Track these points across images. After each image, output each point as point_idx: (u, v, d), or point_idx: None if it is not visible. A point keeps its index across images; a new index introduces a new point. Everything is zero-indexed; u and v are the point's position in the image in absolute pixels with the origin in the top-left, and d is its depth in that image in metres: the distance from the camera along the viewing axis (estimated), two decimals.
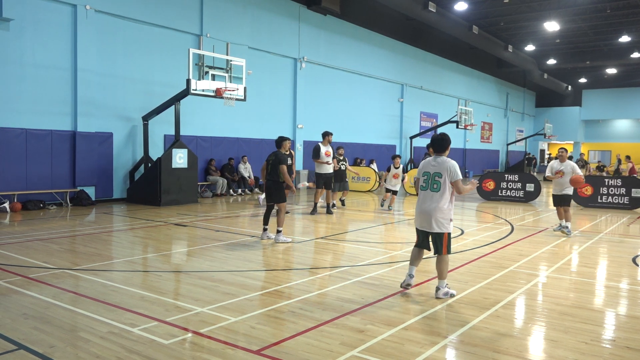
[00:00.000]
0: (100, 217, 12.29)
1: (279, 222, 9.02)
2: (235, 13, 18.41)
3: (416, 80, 29.79)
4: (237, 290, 5.95)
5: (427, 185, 5.87)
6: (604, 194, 15.87)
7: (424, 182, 5.93)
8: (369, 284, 6.39)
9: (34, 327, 4.64)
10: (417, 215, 5.95)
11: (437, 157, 5.91)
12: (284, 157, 9.10)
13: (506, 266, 7.49)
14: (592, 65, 39.42)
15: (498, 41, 32.21)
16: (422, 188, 5.95)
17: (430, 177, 5.84)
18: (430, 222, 5.76)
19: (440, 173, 5.76)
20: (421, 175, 5.99)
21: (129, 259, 7.82)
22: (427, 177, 5.88)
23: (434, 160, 5.90)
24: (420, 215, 5.88)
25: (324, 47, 22.82)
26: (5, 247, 8.27)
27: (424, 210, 5.82)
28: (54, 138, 13.88)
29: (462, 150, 35.46)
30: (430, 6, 23.58)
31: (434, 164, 5.87)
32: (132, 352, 4.10)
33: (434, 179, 5.80)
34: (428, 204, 5.78)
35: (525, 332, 4.81)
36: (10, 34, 12.88)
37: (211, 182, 17.58)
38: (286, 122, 21.41)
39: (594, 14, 27.86)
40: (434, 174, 5.81)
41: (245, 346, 4.27)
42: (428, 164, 5.96)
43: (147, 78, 16.04)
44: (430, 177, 5.84)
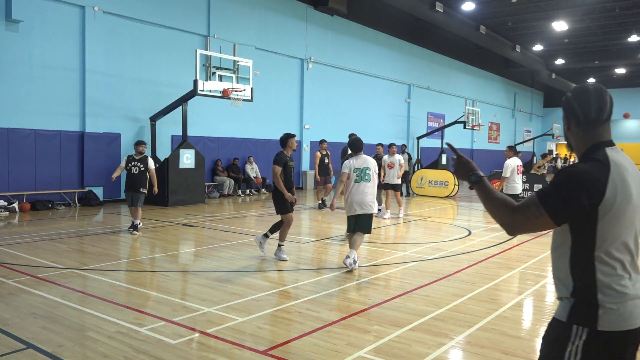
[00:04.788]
0: (108, 217, 12.35)
1: (281, 237, 7.80)
2: (242, 14, 18.45)
3: (423, 80, 29.71)
4: (244, 291, 5.96)
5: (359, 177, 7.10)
6: None
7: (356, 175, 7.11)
8: (376, 285, 6.38)
9: (43, 327, 4.66)
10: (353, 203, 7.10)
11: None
12: (277, 156, 7.66)
13: (514, 267, 7.45)
14: (601, 65, 39.15)
15: (506, 41, 32.06)
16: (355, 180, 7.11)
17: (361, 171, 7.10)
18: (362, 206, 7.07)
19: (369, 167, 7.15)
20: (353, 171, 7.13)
21: (137, 259, 7.86)
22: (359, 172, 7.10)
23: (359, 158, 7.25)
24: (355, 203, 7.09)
25: (330, 47, 22.81)
26: (14, 247, 8.33)
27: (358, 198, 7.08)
28: (63, 139, 13.98)
29: (469, 150, 35.34)
30: (437, 6, 23.51)
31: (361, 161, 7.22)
32: (140, 352, 4.12)
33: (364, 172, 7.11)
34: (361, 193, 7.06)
35: (533, 334, 4.78)
36: (19, 35, 12.98)
37: (218, 182, 17.63)
38: (293, 122, 21.42)
39: (603, 13, 27.66)
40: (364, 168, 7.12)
41: (252, 346, 4.27)
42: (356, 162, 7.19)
43: (155, 79, 16.10)
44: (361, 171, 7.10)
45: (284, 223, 7.79)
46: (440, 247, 9.05)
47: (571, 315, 1.95)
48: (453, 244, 9.23)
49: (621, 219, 1.93)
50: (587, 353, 1.90)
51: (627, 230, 1.96)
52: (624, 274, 1.94)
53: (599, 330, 1.89)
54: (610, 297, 1.92)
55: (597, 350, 1.90)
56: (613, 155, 2.00)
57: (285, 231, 7.81)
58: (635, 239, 2.00)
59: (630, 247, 1.98)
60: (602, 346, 1.90)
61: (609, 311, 1.91)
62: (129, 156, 9.92)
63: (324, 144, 14.61)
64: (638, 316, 1.94)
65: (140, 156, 9.88)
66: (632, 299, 1.94)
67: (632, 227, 1.98)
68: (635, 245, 2.00)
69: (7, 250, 8.04)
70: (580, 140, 2.08)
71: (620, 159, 2.00)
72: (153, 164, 10.09)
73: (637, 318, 1.93)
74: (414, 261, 7.77)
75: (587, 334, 1.90)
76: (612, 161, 1.96)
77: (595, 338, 1.90)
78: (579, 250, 1.96)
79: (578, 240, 1.96)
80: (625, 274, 1.95)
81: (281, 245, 7.80)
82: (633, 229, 1.99)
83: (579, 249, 1.96)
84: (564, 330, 1.96)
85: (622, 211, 1.93)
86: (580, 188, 1.89)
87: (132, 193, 9.78)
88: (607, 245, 1.93)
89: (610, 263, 1.93)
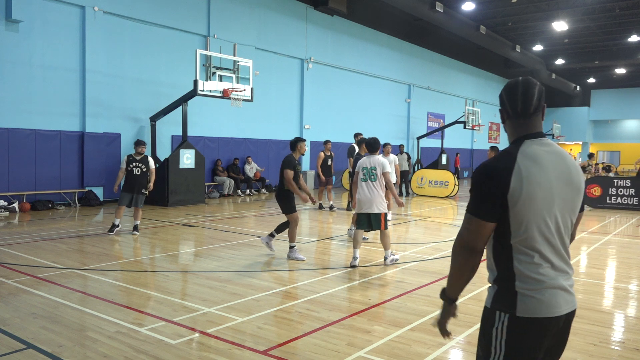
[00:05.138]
0: (108, 217, 12.35)
1: (290, 237, 7.85)
2: (242, 14, 18.45)
3: (423, 80, 29.72)
4: (244, 291, 5.96)
5: (366, 177, 7.30)
6: (613, 195, 15.76)
7: (363, 174, 7.33)
8: (376, 285, 6.38)
9: (43, 327, 4.67)
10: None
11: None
12: (288, 161, 7.75)
13: None
14: (601, 65, 39.14)
15: (506, 41, 32.06)
16: (362, 179, 7.32)
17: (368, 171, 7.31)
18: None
19: (375, 167, 7.33)
20: (361, 170, 7.35)
21: (137, 259, 7.86)
22: (366, 171, 7.32)
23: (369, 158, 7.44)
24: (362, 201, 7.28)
25: (330, 47, 22.81)
26: (14, 247, 8.33)
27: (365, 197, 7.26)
28: (63, 139, 13.98)
29: (469, 150, 35.35)
30: (437, 6, 23.50)
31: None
32: (140, 352, 4.12)
33: (371, 172, 7.30)
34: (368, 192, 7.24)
35: None
36: (19, 35, 12.99)
37: (218, 182, 17.63)
38: (293, 122, 21.43)
39: (603, 13, 27.66)
40: (371, 168, 7.32)
41: (252, 346, 4.28)
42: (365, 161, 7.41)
43: (155, 79, 16.11)
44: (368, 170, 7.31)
45: (291, 223, 7.83)
46: (440, 247, 9.05)
47: (494, 302, 2.06)
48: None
49: (532, 208, 1.98)
50: (509, 337, 1.99)
51: (543, 219, 2.00)
52: (541, 263, 2.00)
53: (518, 316, 1.98)
54: (527, 285, 1.99)
55: (518, 335, 1.99)
56: (528, 146, 2.04)
57: (293, 231, 7.85)
58: (557, 227, 2.05)
59: (548, 236, 2.02)
60: (522, 331, 1.98)
61: (527, 298, 1.98)
62: (128, 157, 9.82)
63: (329, 144, 14.48)
64: (557, 305, 2.00)
65: (141, 156, 9.82)
66: (551, 287, 2.00)
67: (550, 216, 2.02)
68: (558, 234, 2.05)
69: (7, 250, 8.05)
70: (511, 132, 2.15)
71: (537, 150, 2.04)
72: (154, 164, 10.09)
73: (556, 306, 2.00)
74: (414, 261, 7.77)
75: (507, 320, 2.00)
76: (522, 152, 2.02)
77: (515, 323, 1.98)
78: (499, 239, 2.04)
79: (498, 229, 2.03)
80: (544, 263, 2.01)
81: (293, 246, 7.85)
82: (552, 218, 2.02)
83: (499, 238, 2.04)
84: (489, 316, 2.06)
85: (532, 200, 1.97)
86: (489, 181, 1.98)
87: (132, 194, 9.70)
88: (521, 234, 1.99)
89: (526, 252, 2.00)
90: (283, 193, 7.77)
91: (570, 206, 2.09)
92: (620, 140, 48.08)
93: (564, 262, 2.07)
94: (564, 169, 2.07)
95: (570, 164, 2.09)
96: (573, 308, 2.08)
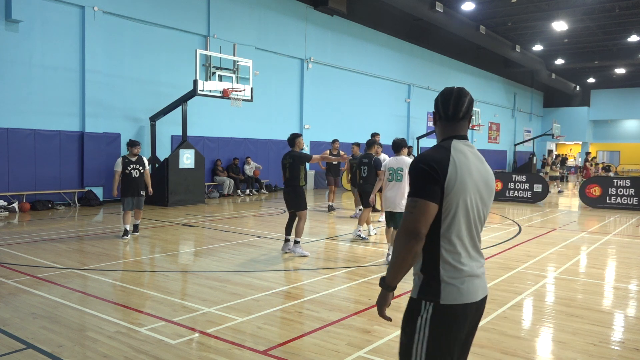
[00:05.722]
0: (108, 217, 12.35)
1: (298, 233, 8.03)
2: (242, 14, 18.45)
3: (423, 80, 29.72)
4: (244, 291, 5.96)
5: (392, 177, 7.44)
6: (613, 195, 15.76)
7: (389, 175, 7.49)
8: (376, 285, 6.38)
9: (43, 327, 4.66)
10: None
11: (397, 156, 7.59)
12: (303, 156, 8.03)
13: (514, 267, 7.45)
14: (601, 65, 39.15)
15: (505, 41, 32.07)
16: (388, 179, 7.46)
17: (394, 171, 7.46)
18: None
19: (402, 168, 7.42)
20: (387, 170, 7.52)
21: (137, 259, 7.86)
22: (392, 171, 7.46)
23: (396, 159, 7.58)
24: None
25: (330, 47, 22.81)
26: (14, 247, 8.33)
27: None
28: (62, 139, 13.98)
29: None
30: (437, 6, 23.52)
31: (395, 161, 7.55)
32: (140, 352, 4.12)
33: (397, 172, 7.46)
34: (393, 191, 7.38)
35: (533, 334, 4.78)
36: (19, 35, 12.98)
37: (218, 182, 17.63)
38: (293, 122, 21.42)
39: (603, 13, 27.67)
40: (397, 169, 7.46)
41: (252, 346, 4.27)
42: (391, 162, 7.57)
43: (155, 79, 16.11)
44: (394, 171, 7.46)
45: (302, 219, 8.07)
46: None
47: (420, 292, 2.22)
48: None
49: (462, 196, 2.18)
50: (433, 325, 2.15)
51: (467, 209, 2.20)
52: (462, 252, 2.20)
53: (442, 304, 2.15)
54: (450, 273, 2.17)
55: (442, 322, 2.15)
56: (457, 144, 2.28)
57: (302, 227, 8.08)
58: (474, 221, 2.24)
59: (469, 225, 2.22)
60: (446, 318, 2.15)
61: (450, 287, 2.16)
62: (124, 158, 9.35)
63: (336, 143, 13.99)
64: (474, 291, 2.21)
65: (136, 157, 9.43)
66: (468, 275, 2.20)
67: (473, 206, 2.22)
68: (475, 225, 2.25)
69: (7, 250, 8.04)
70: (440, 132, 2.38)
71: (463, 148, 2.28)
72: (147, 164, 9.79)
73: (473, 293, 2.20)
74: None
75: (432, 308, 2.16)
76: (454, 147, 2.25)
77: (439, 311, 2.15)
78: (431, 228, 2.17)
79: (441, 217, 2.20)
80: (464, 252, 2.21)
81: (298, 241, 8.06)
82: (473, 209, 2.23)
83: (431, 228, 2.17)
84: (415, 305, 2.22)
85: (461, 191, 2.18)
86: (431, 168, 2.16)
87: (133, 197, 9.39)
88: (449, 223, 2.18)
89: (452, 241, 2.18)
90: (297, 190, 8.01)
91: (486, 203, 2.31)
92: (620, 140, 48.08)
93: (478, 251, 2.28)
94: (483, 170, 2.30)
95: (487, 168, 2.34)
96: (486, 294, 2.32)
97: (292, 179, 8.03)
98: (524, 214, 14.28)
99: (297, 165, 7.98)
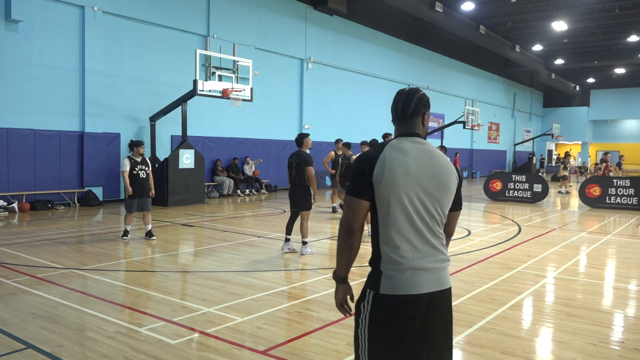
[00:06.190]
0: (107, 217, 12.35)
1: (304, 234, 8.07)
2: (242, 14, 18.45)
3: (423, 80, 29.71)
4: (244, 291, 5.96)
5: None
6: (612, 195, 15.76)
7: None
8: None
9: (42, 327, 4.66)
10: None
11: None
12: (309, 157, 8.04)
13: (513, 267, 7.45)
14: (601, 65, 39.16)
15: (505, 41, 32.07)
16: None
17: None
18: None
19: None
20: None
21: (137, 259, 7.85)
22: None
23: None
24: None
25: (330, 47, 22.81)
26: (13, 247, 8.33)
27: None
28: (62, 139, 13.97)
29: (469, 150, 35.34)
30: (436, 6, 23.52)
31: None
32: (140, 352, 4.12)
33: None
34: None
35: (532, 334, 4.78)
36: (18, 35, 12.98)
37: (218, 182, 17.63)
38: (293, 122, 21.42)
39: (602, 13, 27.68)
40: None
41: (252, 346, 4.27)
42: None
43: (154, 79, 16.10)
44: None
45: (304, 219, 8.14)
46: None
47: (367, 281, 2.35)
48: (453, 244, 9.23)
49: (394, 189, 2.23)
50: (373, 313, 2.26)
51: (403, 202, 2.24)
52: (401, 245, 2.24)
53: (381, 293, 2.24)
54: (389, 265, 2.25)
55: (381, 311, 2.24)
56: (399, 141, 2.35)
57: (307, 226, 8.17)
58: (420, 213, 2.26)
59: (410, 219, 2.24)
60: (383, 307, 2.24)
61: (388, 277, 2.25)
62: (130, 159, 9.13)
63: (340, 143, 13.80)
64: (416, 284, 2.22)
65: (141, 157, 9.27)
66: (411, 268, 2.23)
67: (411, 200, 2.25)
68: (421, 219, 2.26)
69: (7, 250, 8.04)
70: (395, 130, 2.48)
71: (405, 144, 2.33)
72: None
73: (414, 285, 2.22)
74: None
75: (372, 297, 2.28)
76: (390, 145, 2.34)
77: (379, 300, 2.25)
78: (374, 223, 2.31)
79: (372, 213, 2.31)
80: (405, 245, 2.24)
81: (306, 242, 8.17)
82: (412, 203, 2.25)
83: (374, 222, 2.31)
84: (362, 293, 2.37)
85: (392, 182, 2.23)
86: (361, 166, 2.29)
87: (140, 199, 9.15)
88: (384, 218, 2.26)
89: (389, 234, 2.25)
90: (303, 189, 8.09)
91: (436, 198, 2.29)
92: (620, 140, 48.09)
93: (430, 245, 2.28)
94: (430, 164, 2.31)
95: (437, 162, 2.33)
96: (438, 288, 2.28)
97: (298, 178, 8.11)
98: (524, 214, 14.29)
99: (302, 165, 8.02)
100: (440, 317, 2.31)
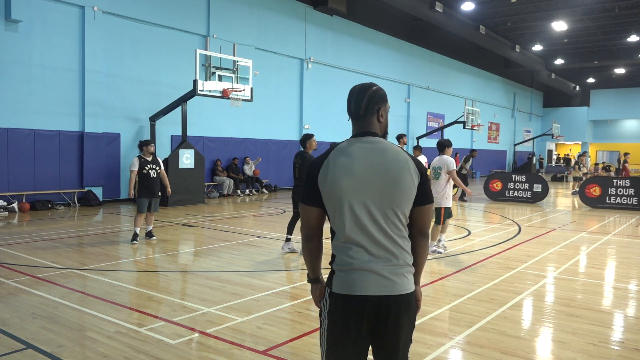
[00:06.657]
0: (107, 217, 12.35)
1: None
2: (242, 14, 18.44)
3: (423, 80, 29.72)
4: (244, 291, 5.96)
5: (434, 176, 8.19)
6: (612, 195, 15.76)
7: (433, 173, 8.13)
8: None
9: (42, 327, 4.66)
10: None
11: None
12: (310, 158, 8.02)
13: (513, 267, 7.45)
14: (601, 65, 39.16)
15: (505, 41, 32.07)
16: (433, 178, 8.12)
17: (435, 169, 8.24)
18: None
19: (441, 167, 8.24)
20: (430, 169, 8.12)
21: (137, 259, 7.85)
22: (434, 170, 8.21)
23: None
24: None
25: (330, 47, 22.81)
26: (13, 247, 8.33)
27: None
28: (62, 139, 13.97)
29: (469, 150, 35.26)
30: (436, 6, 23.52)
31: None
32: (140, 352, 4.12)
33: (437, 171, 8.24)
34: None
35: (532, 334, 4.78)
36: (18, 35, 12.98)
37: (218, 182, 17.63)
38: (293, 122, 21.42)
39: (602, 13, 27.68)
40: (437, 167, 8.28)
41: (251, 346, 4.27)
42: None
43: (154, 79, 16.10)
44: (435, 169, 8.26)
45: None
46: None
47: (327, 279, 2.37)
48: (453, 244, 9.23)
49: (338, 193, 2.20)
50: (330, 309, 2.29)
51: (351, 205, 2.20)
52: (352, 247, 2.23)
53: (333, 291, 2.28)
54: (339, 265, 2.28)
55: (334, 309, 2.28)
56: (348, 143, 2.31)
57: None
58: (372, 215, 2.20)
59: (359, 222, 2.20)
60: (336, 305, 2.27)
61: (338, 277, 2.27)
62: (140, 158, 8.93)
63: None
64: (364, 286, 2.20)
65: (152, 157, 9.10)
66: (360, 269, 2.22)
67: (359, 203, 2.20)
68: (373, 221, 2.21)
69: (7, 250, 8.04)
70: (352, 130, 2.42)
71: (354, 146, 2.28)
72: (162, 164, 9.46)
73: (362, 287, 2.20)
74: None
75: (328, 294, 2.32)
76: (338, 148, 2.30)
77: (332, 298, 2.29)
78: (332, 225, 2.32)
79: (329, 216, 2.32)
80: (355, 247, 2.23)
81: None
82: (361, 205, 2.20)
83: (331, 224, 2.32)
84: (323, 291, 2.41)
85: (336, 186, 2.20)
86: (308, 172, 2.31)
87: (150, 199, 8.97)
88: (333, 219, 2.27)
89: (338, 236, 2.26)
90: None
91: (389, 197, 2.21)
92: (620, 140, 48.07)
93: (384, 249, 2.22)
94: (380, 161, 2.22)
95: (389, 159, 2.23)
96: (389, 293, 2.21)
97: (301, 178, 8.03)
98: (524, 214, 14.28)
99: (304, 166, 7.99)
100: (392, 322, 2.23)
